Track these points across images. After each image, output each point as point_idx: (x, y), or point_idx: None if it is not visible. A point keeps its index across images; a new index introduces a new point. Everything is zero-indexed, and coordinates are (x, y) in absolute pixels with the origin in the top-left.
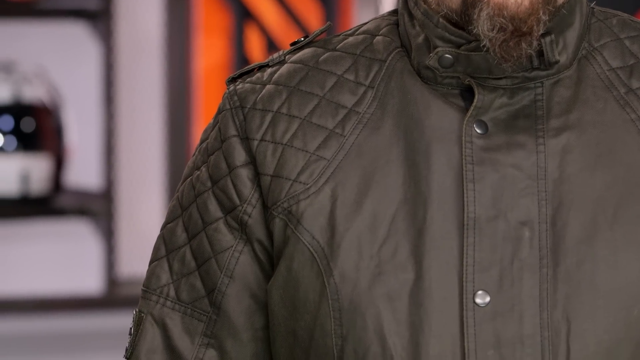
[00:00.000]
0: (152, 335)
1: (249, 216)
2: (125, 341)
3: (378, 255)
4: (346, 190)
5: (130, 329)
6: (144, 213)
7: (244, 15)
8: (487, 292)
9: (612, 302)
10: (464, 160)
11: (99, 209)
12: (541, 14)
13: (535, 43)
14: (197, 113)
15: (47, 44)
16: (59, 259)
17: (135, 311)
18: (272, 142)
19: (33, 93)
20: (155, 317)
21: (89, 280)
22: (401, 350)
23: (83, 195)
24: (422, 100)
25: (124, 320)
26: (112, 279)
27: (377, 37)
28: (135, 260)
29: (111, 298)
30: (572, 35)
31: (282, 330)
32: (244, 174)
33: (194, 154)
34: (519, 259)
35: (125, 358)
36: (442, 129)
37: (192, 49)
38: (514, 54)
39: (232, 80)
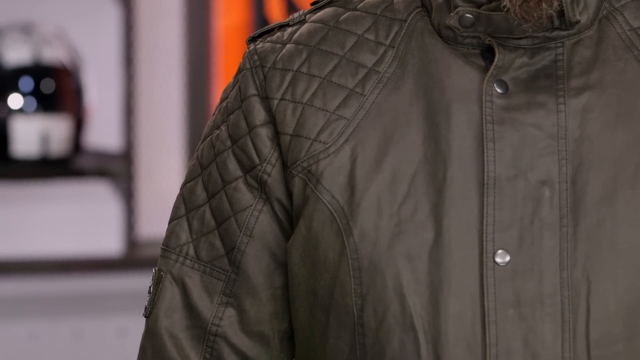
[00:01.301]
0: (171, 294)
1: (269, 175)
2: (145, 301)
3: (398, 214)
4: (366, 149)
5: (150, 287)
6: (163, 174)
7: None
8: (507, 251)
9: (632, 261)
10: (484, 120)
11: (118, 170)
12: None
13: (555, 3)
14: (216, 73)
15: (67, 5)
16: (78, 220)
17: (155, 270)
18: (292, 101)
19: (53, 54)
20: (175, 276)
21: (108, 241)
22: (420, 309)
23: (103, 156)
24: (442, 59)
25: (143, 281)
26: (131, 240)
27: None
28: (155, 221)
29: (131, 259)
30: None
31: (301, 289)
32: (264, 133)
33: (214, 114)
34: (539, 218)
35: (145, 317)
36: (462, 89)
37: (212, 9)
38: (535, 14)
39: (253, 39)
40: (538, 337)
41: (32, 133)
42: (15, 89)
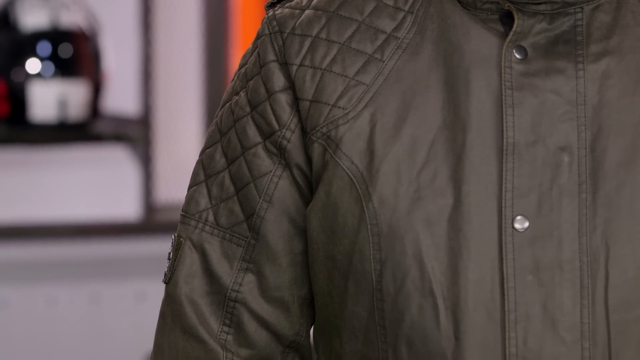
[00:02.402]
0: (191, 260)
1: (288, 141)
2: (163, 266)
3: (417, 180)
4: (385, 115)
5: (169, 253)
6: (181, 139)
7: None
8: (526, 217)
9: None
10: (503, 86)
11: (136, 135)
12: None
13: None
14: (235, 38)
15: None
16: (96, 185)
17: (174, 236)
18: (311, 67)
19: (71, 19)
20: (194, 242)
21: (126, 206)
22: (440, 275)
23: (120, 121)
24: (461, 25)
25: (161, 246)
26: (149, 205)
27: None
28: (173, 186)
29: (149, 224)
30: None
31: (320, 255)
32: (283, 99)
33: (233, 79)
34: (558, 184)
35: (164, 283)
36: (481, 54)
37: None
38: None
39: (271, 5)
40: (557, 302)
41: (50, 98)
42: (33, 53)
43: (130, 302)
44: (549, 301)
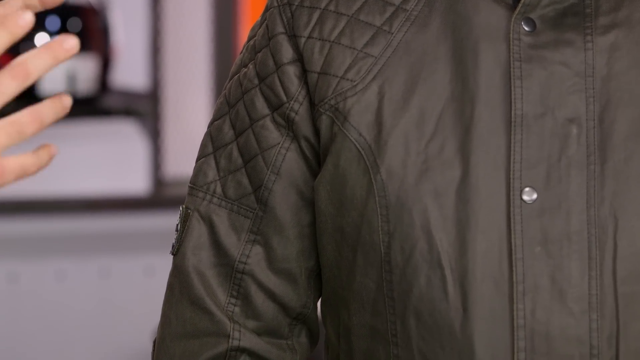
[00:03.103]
0: (198, 232)
1: (296, 113)
2: (172, 241)
3: (425, 151)
4: (393, 87)
5: (177, 225)
6: (190, 113)
7: None
8: (534, 189)
9: None
10: (511, 58)
11: (145, 109)
12: None
13: None
14: (244, 11)
15: None
16: (105, 159)
17: (182, 208)
18: (319, 39)
19: None
20: (202, 213)
21: (135, 180)
22: (447, 246)
23: (129, 95)
24: None
25: (170, 220)
26: (158, 179)
27: None
28: (182, 160)
29: (157, 198)
30: None
31: (328, 227)
32: (291, 71)
33: (242, 52)
34: (567, 156)
35: (172, 254)
36: (490, 27)
37: None
38: None
39: None
40: (565, 274)
41: (59, 72)
42: (42, 28)
43: (139, 276)
44: (557, 273)
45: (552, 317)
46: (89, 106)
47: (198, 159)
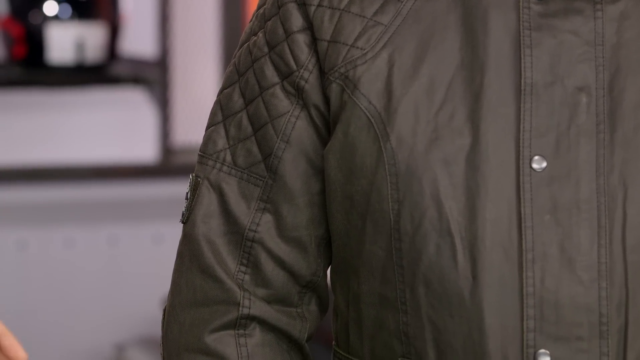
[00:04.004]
0: (208, 200)
1: (306, 81)
2: (181, 209)
3: (435, 119)
4: (403, 55)
5: (187, 193)
6: (198, 81)
7: None
8: (543, 157)
9: None
10: (521, 26)
11: (154, 77)
12: None
13: None
14: None
15: None
16: (114, 127)
17: (192, 176)
18: (329, 7)
19: None
20: (212, 181)
21: (143, 148)
22: (457, 214)
23: (138, 63)
24: None
25: (178, 189)
26: (167, 147)
27: None
28: (190, 128)
29: (166, 166)
30: None
31: (338, 195)
32: (301, 40)
33: (251, 20)
34: (576, 125)
35: (182, 222)
36: None
37: None
38: None
39: None
40: (574, 242)
41: (68, 40)
42: None
43: (148, 244)
44: (566, 241)
45: (561, 285)
46: (97, 74)
47: (208, 127)
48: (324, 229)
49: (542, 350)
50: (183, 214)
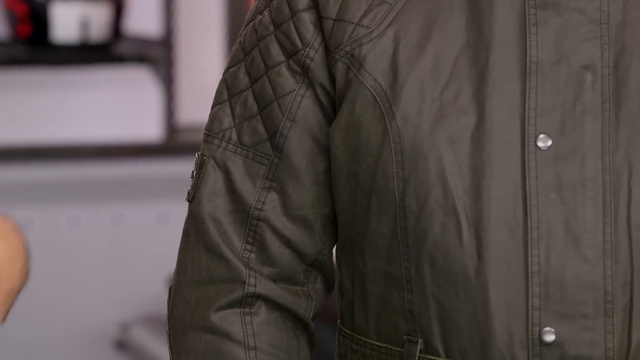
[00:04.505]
0: (214, 179)
1: (312, 60)
2: (185, 188)
3: (440, 98)
4: (409, 34)
5: (192, 172)
6: (203, 60)
7: None
8: (549, 135)
9: None
10: (526, 5)
11: (158, 56)
12: None
13: None
14: None
15: None
16: (118, 106)
17: (198, 155)
18: None
19: None
20: (218, 160)
21: (148, 127)
22: (462, 192)
23: (143, 42)
24: None
25: (183, 167)
26: (171, 126)
27: None
28: (195, 107)
29: (170, 145)
30: None
31: (344, 173)
32: (307, 18)
33: None
34: (581, 103)
35: (188, 201)
36: None
37: None
38: None
39: None
40: (579, 220)
41: (72, 19)
42: None
43: (152, 223)
44: (571, 219)
45: (566, 264)
46: (102, 53)
47: (213, 106)
48: (329, 207)
49: (547, 328)
50: (189, 193)
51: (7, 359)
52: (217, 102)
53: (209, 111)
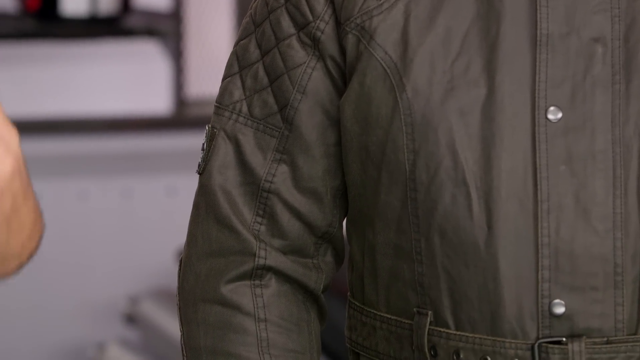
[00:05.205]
0: (224, 151)
1: (322, 32)
2: (194, 161)
3: (451, 70)
4: (419, 6)
5: (203, 144)
6: (212, 33)
7: None
8: (559, 107)
9: None
10: None
11: (167, 29)
12: None
13: None
14: None
15: None
16: (127, 79)
17: (208, 127)
18: None
19: None
20: (228, 132)
21: (157, 100)
22: (473, 164)
23: (152, 15)
24: None
25: (192, 141)
26: (180, 99)
27: None
28: (204, 80)
29: (179, 118)
30: None
31: (354, 146)
32: None
33: None
34: (592, 75)
35: (198, 173)
36: None
37: None
38: None
39: None
40: (589, 193)
41: None
42: None
43: (161, 197)
44: (581, 191)
45: (576, 236)
46: (111, 26)
47: (224, 79)
48: (339, 180)
49: (556, 301)
50: (199, 165)
51: (16, 333)
52: (227, 75)
53: (218, 84)
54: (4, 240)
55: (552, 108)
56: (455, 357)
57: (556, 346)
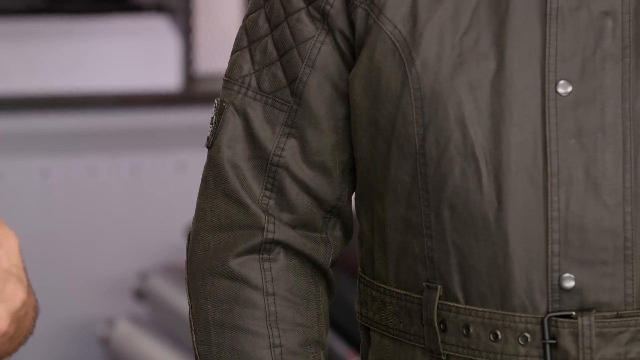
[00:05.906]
0: (233, 125)
1: (331, 6)
2: (203, 137)
3: (460, 44)
4: None
5: (212, 118)
6: (222, 9)
7: None
8: (569, 81)
9: None
10: None
11: (177, 4)
12: None
13: None
14: None
15: None
16: (137, 55)
17: (217, 101)
18: None
19: None
20: (237, 106)
21: (166, 76)
22: (482, 138)
23: None
24: None
25: (201, 117)
26: (189, 76)
27: None
28: (213, 56)
29: (189, 94)
30: None
31: (363, 120)
32: None
33: None
34: (602, 49)
35: (207, 147)
36: None
37: None
38: None
39: None
40: (599, 166)
41: None
42: None
43: (171, 172)
44: (591, 165)
45: (586, 210)
46: (120, 2)
47: (233, 53)
48: (348, 154)
49: (566, 275)
50: (208, 139)
51: None
52: (236, 49)
53: (227, 60)
54: (7, 349)
55: (562, 82)
56: (464, 332)
57: (566, 320)
